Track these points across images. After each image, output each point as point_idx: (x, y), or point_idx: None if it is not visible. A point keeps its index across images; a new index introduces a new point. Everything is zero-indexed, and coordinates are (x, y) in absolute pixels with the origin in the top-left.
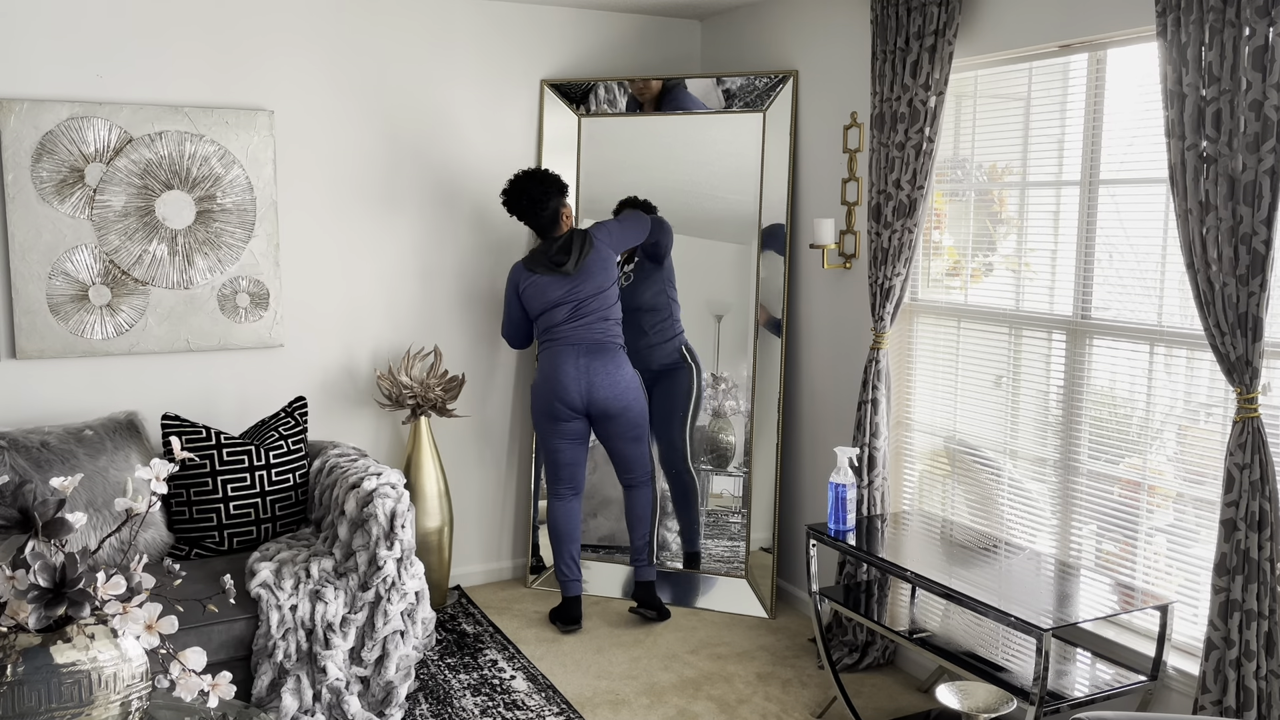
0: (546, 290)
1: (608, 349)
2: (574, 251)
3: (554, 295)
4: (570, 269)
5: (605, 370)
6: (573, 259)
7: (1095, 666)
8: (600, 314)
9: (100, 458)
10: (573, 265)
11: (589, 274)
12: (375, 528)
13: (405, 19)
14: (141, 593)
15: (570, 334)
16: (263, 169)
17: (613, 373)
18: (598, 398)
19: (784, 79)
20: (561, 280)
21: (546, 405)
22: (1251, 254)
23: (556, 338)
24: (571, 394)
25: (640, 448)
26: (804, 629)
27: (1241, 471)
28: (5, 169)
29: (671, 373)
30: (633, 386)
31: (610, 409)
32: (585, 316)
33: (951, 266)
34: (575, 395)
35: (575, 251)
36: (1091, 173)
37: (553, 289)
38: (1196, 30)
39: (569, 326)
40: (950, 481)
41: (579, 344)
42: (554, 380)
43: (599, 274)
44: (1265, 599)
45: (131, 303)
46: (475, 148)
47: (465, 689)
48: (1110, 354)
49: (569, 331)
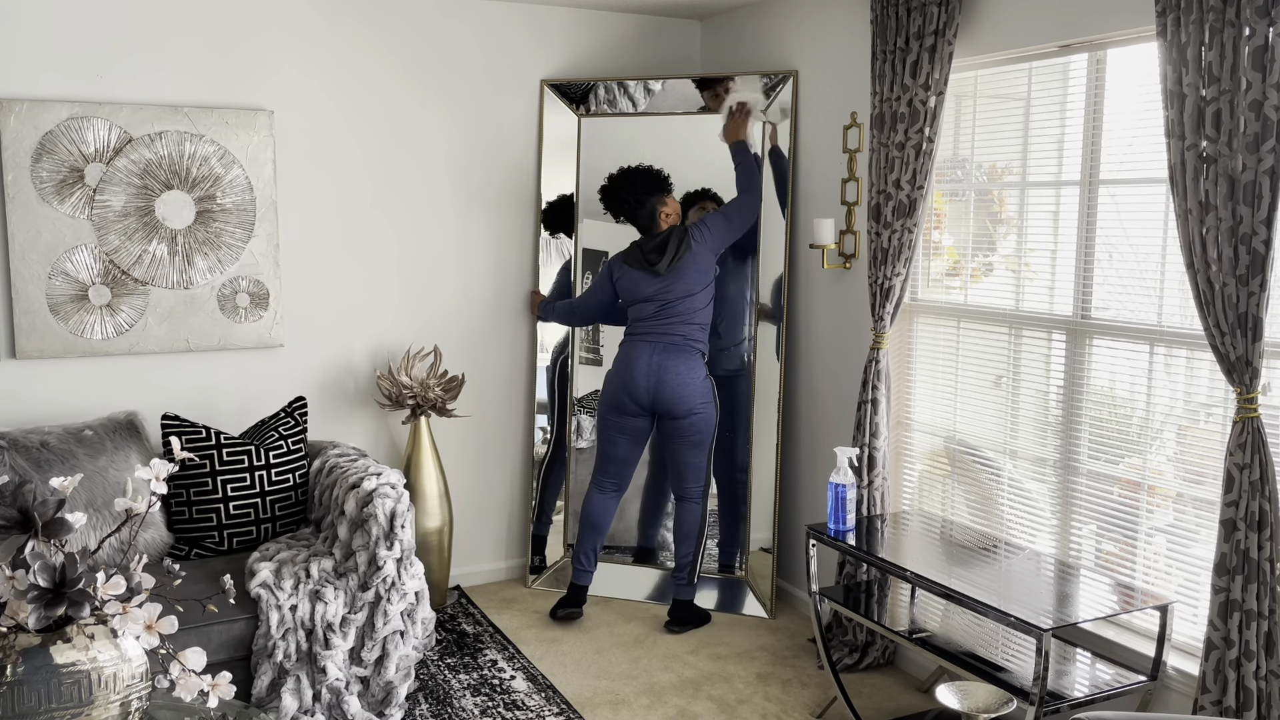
0: (638, 286)
1: (684, 350)
2: (669, 251)
3: (645, 291)
4: (662, 269)
5: (676, 370)
6: (666, 259)
7: (1095, 666)
8: (685, 317)
9: (100, 458)
10: (665, 265)
11: (681, 274)
12: (375, 528)
13: (405, 19)
14: (141, 593)
15: (651, 330)
16: (262, 169)
17: (684, 374)
18: (664, 397)
19: (784, 79)
20: (652, 279)
21: (614, 397)
22: (1251, 254)
23: (638, 332)
24: (639, 389)
25: (700, 457)
26: (804, 629)
27: (1241, 471)
28: (5, 169)
29: (734, 379)
30: (702, 391)
31: (675, 410)
32: (671, 318)
33: (951, 266)
34: (643, 391)
35: (670, 251)
36: (1091, 173)
37: (644, 285)
38: (1196, 30)
39: (652, 324)
40: (950, 481)
41: (657, 342)
42: (625, 373)
43: (692, 275)
44: (1265, 599)
45: (131, 303)
46: (475, 148)
47: (465, 689)
48: (1110, 354)
49: (651, 328)
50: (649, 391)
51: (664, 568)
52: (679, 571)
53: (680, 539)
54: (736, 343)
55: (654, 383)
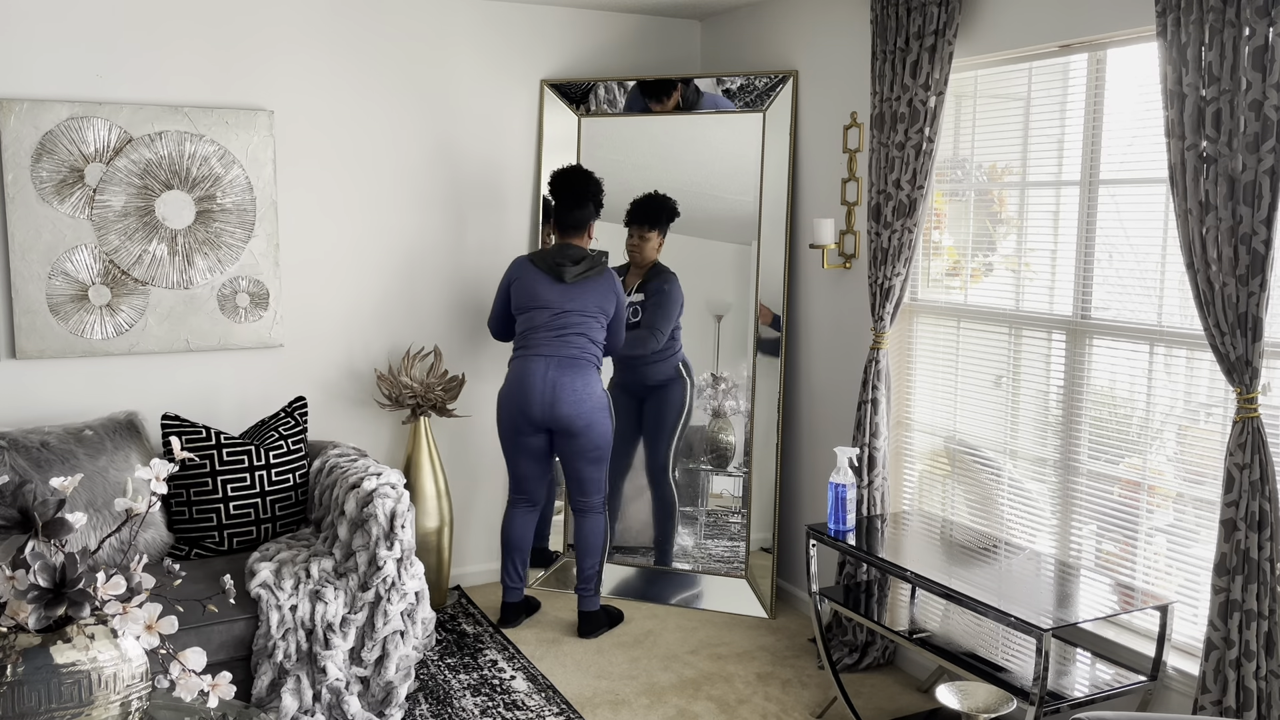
0: (537, 289)
1: (579, 364)
2: (582, 264)
3: (544, 297)
4: (567, 279)
5: (573, 387)
6: (578, 269)
7: (1095, 666)
8: (579, 329)
9: (100, 458)
10: (571, 276)
11: (583, 295)
12: (375, 528)
13: (405, 19)
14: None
15: (544, 343)
16: (262, 169)
17: (579, 389)
18: (561, 414)
19: (784, 79)
20: (554, 285)
21: (511, 419)
22: (1251, 254)
23: (530, 345)
24: (534, 408)
25: (599, 470)
26: (804, 629)
27: (1241, 471)
28: (5, 169)
29: (667, 386)
30: (598, 407)
31: (572, 427)
32: (564, 329)
33: (951, 266)
34: (538, 410)
35: (584, 266)
36: (1091, 173)
37: (544, 291)
38: (1196, 30)
39: (545, 335)
40: (950, 481)
41: (551, 356)
42: (519, 392)
43: (592, 304)
44: (1265, 599)
45: (131, 303)
46: (475, 148)
47: (465, 689)
48: (1110, 354)
49: (544, 340)
50: (544, 410)
51: (665, 567)
52: (584, 584)
53: (584, 552)
54: (670, 355)
55: (550, 399)
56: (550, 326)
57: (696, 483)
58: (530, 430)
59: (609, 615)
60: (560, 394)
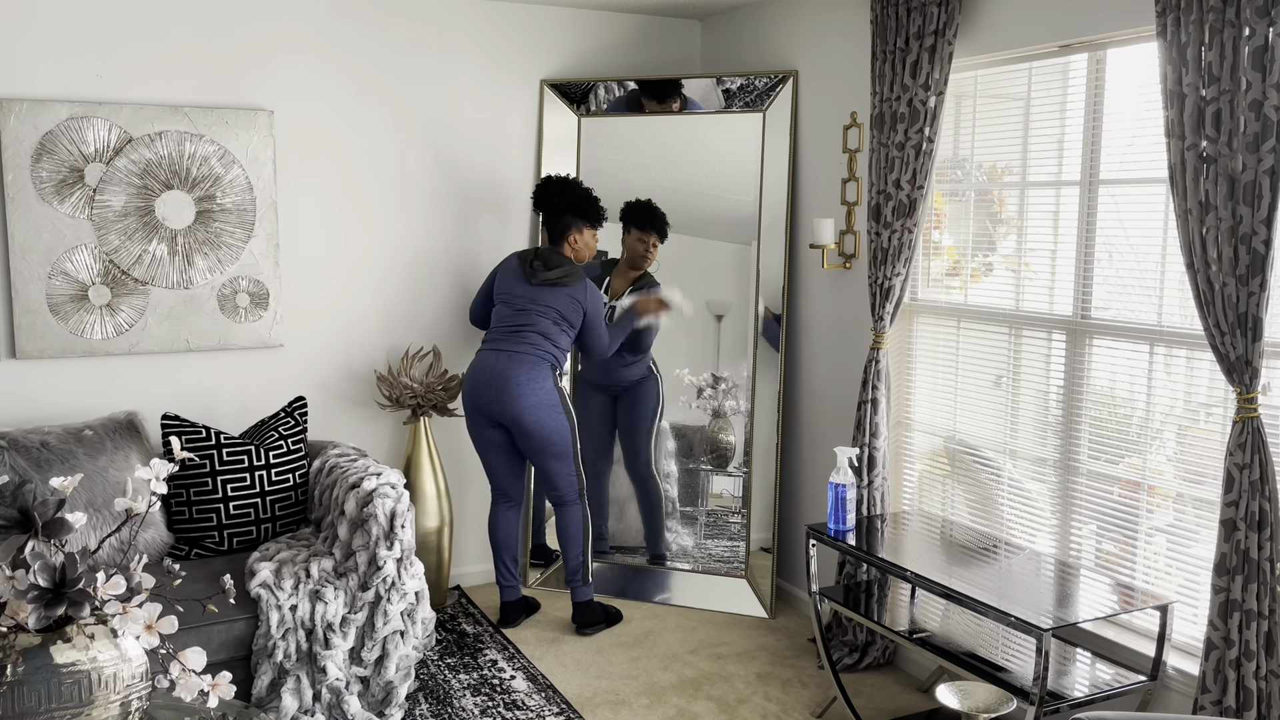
0: (512, 284)
1: (529, 360)
2: (554, 271)
3: (513, 290)
4: (534, 279)
5: (517, 381)
6: (545, 275)
7: (1095, 666)
8: (538, 329)
9: (100, 458)
10: (538, 278)
11: (549, 299)
12: (375, 528)
13: (405, 19)
14: (141, 593)
15: (502, 337)
16: (262, 169)
17: (524, 384)
18: (507, 408)
19: (784, 79)
20: (522, 283)
21: (468, 409)
22: (1251, 254)
23: (491, 338)
24: (484, 400)
25: (562, 465)
26: (804, 629)
27: (1241, 471)
28: (5, 169)
29: (640, 384)
30: (546, 403)
31: (521, 421)
32: (523, 326)
33: (951, 266)
34: (486, 402)
35: (555, 272)
36: (1091, 173)
37: (516, 286)
38: (1196, 30)
39: (505, 330)
40: (950, 481)
41: (504, 350)
42: (474, 385)
43: (554, 310)
44: (1265, 599)
45: (131, 303)
46: (475, 147)
47: (465, 689)
48: (1110, 354)
49: (503, 334)
50: (490, 404)
51: (663, 567)
52: (571, 575)
53: (565, 544)
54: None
55: (495, 392)
56: (511, 322)
57: (696, 483)
58: (485, 423)
59: (607, 614)
60: (505, 388)
